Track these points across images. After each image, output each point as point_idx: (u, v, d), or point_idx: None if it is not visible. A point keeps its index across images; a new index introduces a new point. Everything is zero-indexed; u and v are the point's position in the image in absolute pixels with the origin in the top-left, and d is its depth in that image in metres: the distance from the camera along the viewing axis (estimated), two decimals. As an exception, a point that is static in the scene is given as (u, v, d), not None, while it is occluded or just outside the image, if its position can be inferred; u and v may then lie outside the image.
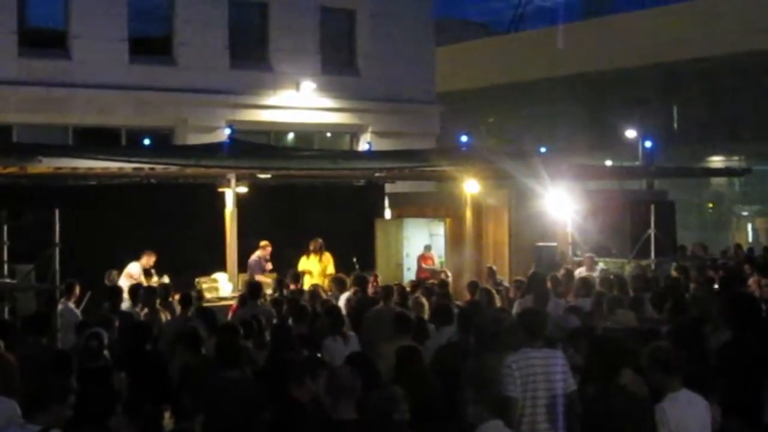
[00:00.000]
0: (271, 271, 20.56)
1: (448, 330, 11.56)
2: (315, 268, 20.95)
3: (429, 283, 18.75)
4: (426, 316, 13.59)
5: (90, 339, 10.68)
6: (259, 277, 19.49)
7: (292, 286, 18.32)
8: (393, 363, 9.63)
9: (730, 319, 10.29)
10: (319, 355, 10.55)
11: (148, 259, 19.10)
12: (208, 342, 11.24)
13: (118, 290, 15.58)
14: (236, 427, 8.96)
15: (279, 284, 18.10)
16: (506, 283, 19.16)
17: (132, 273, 18.71)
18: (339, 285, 17.21)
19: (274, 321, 13.70)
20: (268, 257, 20.89)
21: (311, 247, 21.29)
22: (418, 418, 8.17)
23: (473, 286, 16.78)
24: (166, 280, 18.55)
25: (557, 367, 8.42)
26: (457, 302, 15.65)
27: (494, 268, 20.36)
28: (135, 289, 15.85)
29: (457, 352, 9.88)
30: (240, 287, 18.68)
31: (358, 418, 7.08)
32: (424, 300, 14.40)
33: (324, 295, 16.11)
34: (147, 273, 19.00)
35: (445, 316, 12.01)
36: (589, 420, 7.12)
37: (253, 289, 15.49)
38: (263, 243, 20.95)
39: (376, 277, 18.98)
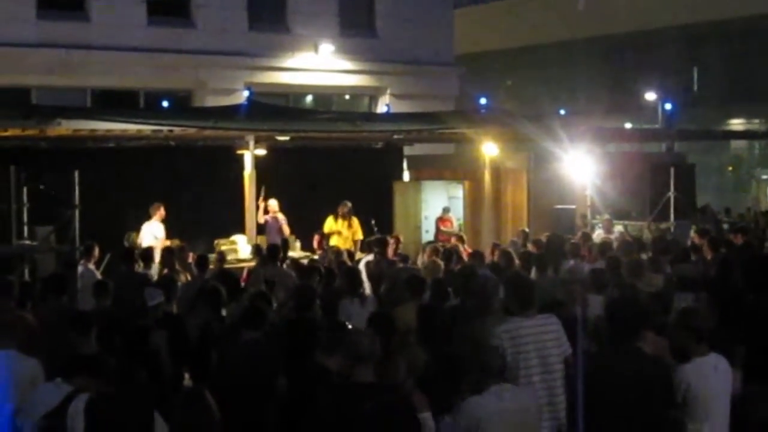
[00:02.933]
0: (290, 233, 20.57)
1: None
2: (344, 232, 20.99)
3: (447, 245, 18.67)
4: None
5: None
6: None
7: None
8: (408, 325, 9.61)
9: (749, 281, 10.27)
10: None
11: (159, 213, 19.00)
12: (229, 305, 11.28)
13: (134, 252, 15.63)
14: (253, 388, 9.00)
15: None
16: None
17: (157, 234, 18.80)
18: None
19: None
20: (276, 216, 20.75)
21: (340, 211, 21.29)
22: (438, 377, 8.17)
23: (495, 248, 16.79)
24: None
25: (550, 334, 8.32)
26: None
27: (527, 230, 20.14)
28: (147, 251, 15.84)
29: (454, 316, 9.86)
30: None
31: (375, 381, 7.07)
32: (440, 262, 14.36)
33: (348, 261, 15.98)
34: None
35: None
36: (592, 383, 7.06)
37: (271, 252, 15.48)
38: (270, 203, 20.71)
39: (398, 240, 18.78)
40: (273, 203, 20.61)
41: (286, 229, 20.40)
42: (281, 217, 20.55)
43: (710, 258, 14.84)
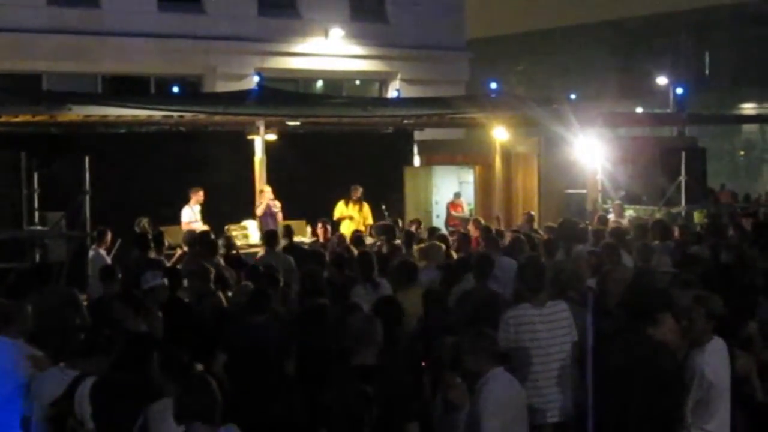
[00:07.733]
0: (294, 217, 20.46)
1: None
2: (356, 216, 20.98)
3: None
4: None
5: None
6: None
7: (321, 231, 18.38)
8: (409, 310, 9.58)
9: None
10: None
11: (197, 197, 19.08)
12: (234, 289, 11.27)
13: (147, 238, 15.58)
14: (260, 369, 9.02)
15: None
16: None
17: (188, 220, 18.80)
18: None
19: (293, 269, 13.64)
20: (270, 201, 20.02)
21: (352, 195, 21.26)
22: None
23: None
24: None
25: (561, 322, 8.29)
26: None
27: (533, 214, 20.07)
28: (158, 236, 15.80)
29: (476, 300, 9.78)
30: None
31: (378, 363, 7.08)
32: (440, 245, 14.23)
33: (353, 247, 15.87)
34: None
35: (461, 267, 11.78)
36: (609, 369, 7.02)
37: (268, 238, 15.33)
38: (260, 188, 20.22)
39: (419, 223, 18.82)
40: (268, 190, 20.10)
41: (280, 216, 20.07)
42: (276, 203, 20.27)
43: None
